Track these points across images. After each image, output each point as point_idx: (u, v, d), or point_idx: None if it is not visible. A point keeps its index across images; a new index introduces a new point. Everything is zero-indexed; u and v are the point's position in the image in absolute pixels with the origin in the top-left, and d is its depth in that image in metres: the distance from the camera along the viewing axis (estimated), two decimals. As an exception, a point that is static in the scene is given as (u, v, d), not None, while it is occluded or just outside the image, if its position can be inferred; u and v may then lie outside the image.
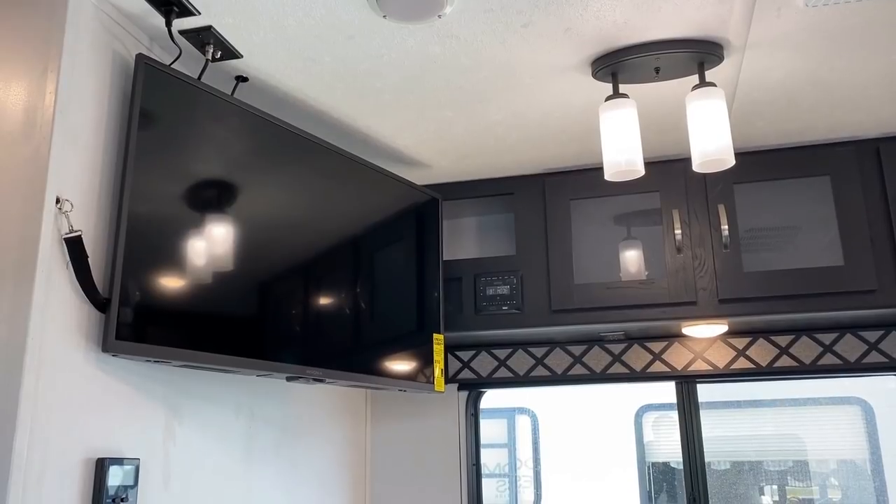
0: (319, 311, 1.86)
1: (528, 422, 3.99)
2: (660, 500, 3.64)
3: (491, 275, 2.30)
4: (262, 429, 2.00)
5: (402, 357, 2.11)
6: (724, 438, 3.40)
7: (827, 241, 2.19)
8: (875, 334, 2.31)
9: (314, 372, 1.78)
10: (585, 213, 2.42)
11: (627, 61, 1.68)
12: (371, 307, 2.02)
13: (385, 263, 2.12)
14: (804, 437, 3.38)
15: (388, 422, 2.66)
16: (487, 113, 1.97)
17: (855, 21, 1.57)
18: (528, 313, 2.25)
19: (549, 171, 2.35)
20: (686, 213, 2.20)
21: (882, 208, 2.08)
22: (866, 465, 3.31)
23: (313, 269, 1.87)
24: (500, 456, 3.99)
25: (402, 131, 2.08)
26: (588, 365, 2.49)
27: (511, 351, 2.56)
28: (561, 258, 2.25)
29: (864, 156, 2.12)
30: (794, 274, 2.08)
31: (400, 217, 2.20)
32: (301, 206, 1.85)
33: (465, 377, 2.59)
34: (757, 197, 2.29)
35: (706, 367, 2.41)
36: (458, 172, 2.37)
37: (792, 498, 3.33)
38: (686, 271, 2.16)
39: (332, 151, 1.96)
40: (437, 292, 2.26)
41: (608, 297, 2.19)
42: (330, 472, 2.37)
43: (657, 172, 2.22)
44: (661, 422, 3.76)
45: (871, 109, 1.98)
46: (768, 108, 1.96)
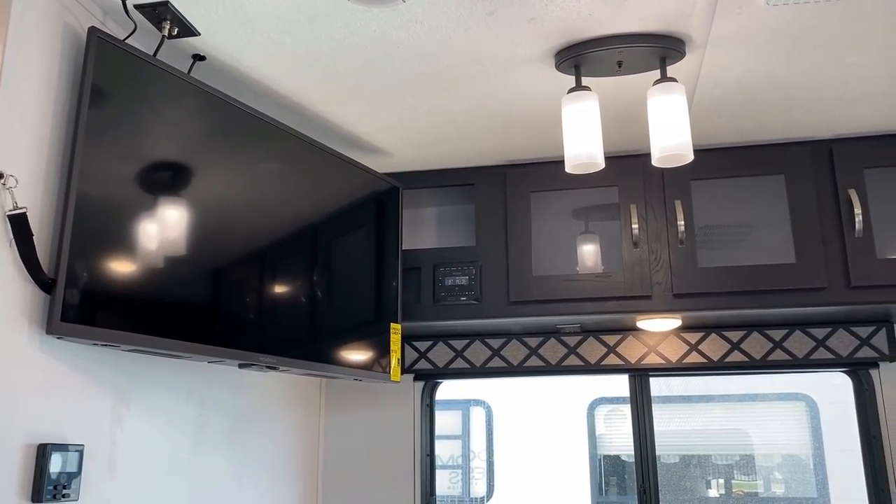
0: (274, 299, 1.83)
1: (483, 414, 4.00)
2: (610, 492, 3.69)
3: (450, 265, 2.29)
4: (212, 416, 1.96)
5: (359, 346, 2.09)
6: (674, 433, 3.45)
7: (779, 238, 2.24)
8: (823, 331, 2.37)
9: (267, 359, 1.75)
10: (545, 206, 2.43)
11: (590, 54, 1.69)
12: (328, 295, 2.00)
13: (343, 251, 2.09)
14: (751, 432, 3.45)
15: (342, 411, 2.63)
16: (450, 102, 1.96)
17: (813, 23, 1.59)
18: (486, 304, 2.25)
19: (510, 163, 2.35)
20: (643, 208, 2.22)
21: (833, 208, 2.13)
22: (809, 459, 3.40)
23: (269, 256, 1.83)
24: (453, 448, 3.99)
25: (364, 117, 2.05)
26: (544, 357, 2.50)
27: (468, 342, 2.56)
28: (520, 250, 2.25)
29: (817, 156, 2.17)
30: (747, 270, 2.12)
31: (359, 205, 2.18)
32: (258, 191, 1.81)
33: (422, 367, 2.58)
34: (713, 194, 2.32)
35: (659, 361, 2.44)
36: (420, 161, 2.35)
37: (737, 492, 3.40)
38: (642, 266, 2.18)
39: (291, 136, 1.93)
40: (395, 282, 2.24)
41: (565, 290, 2.20)
42: (282, 461, 2.34)
43: (616, 167, 2.23)
44: (613, 415, 3.80)
45: (825, 111, 2.02)
46: (727, 105, 1.99)
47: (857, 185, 2.10)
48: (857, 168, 2.12)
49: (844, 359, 2.35)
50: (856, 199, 2.08)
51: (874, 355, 2.32)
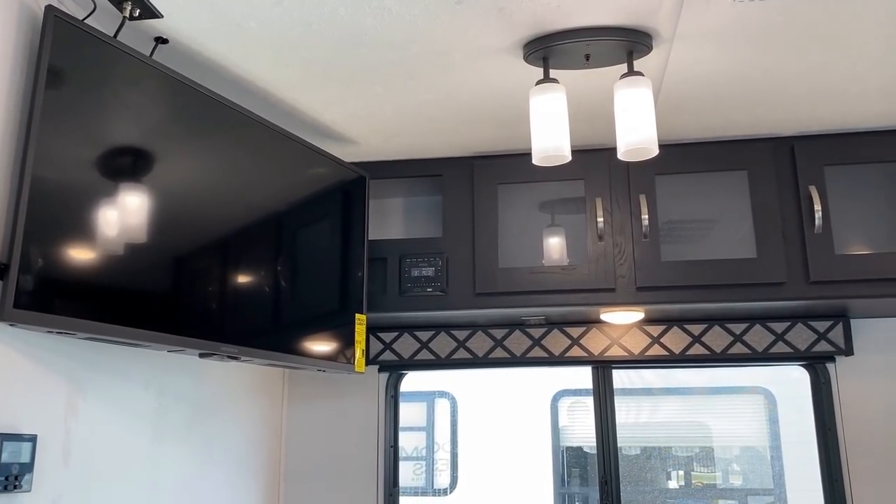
0: (237, 288, 1.80)
1: (448, 405, 4.00)
2: (572, 483, 3.72)
3: (416, 256, 2.28)
4: (172, 406, 1.93)
5: (323, 336, 2.07)
6: (636, 425, 3.50)
7: (741, 234, 2.27)
8: (782, 325, 2.41)
9: (229, 349, 1.72)
10: (512, 199, 2.43)
11: (558, 46, 1.69)
12: (292, 285, 1.98)
13: (308, 241, 2.07)
14: (711, 424, 3.51)
15: (305, 402, 2.61)
16: (418, 91, 1.94)
17: (778, 20, 1.61)
18: (452, 296, 2.25)
19: (478, 155, 2.34)
20: (609, 201, 2.23)
21: (794, 204, 2.16)
22: (767, 451, 3.47)
23: (232, 244, 1.81)
24: (417, 439, 3.99)
25: (330, 105, 2.03)
26: (509, 348, 2.51)
27: (434, 333, 2.55)
28: (486, 242, 2.25)
29: (779, 153, 2.20)
30: (709, 265, 2.15)
31: (325, 194, 2.15)
32: (222, 179, 1.78)
33: (387, 359, 2.57)
34: (677, 189, 2.34)
35: (622, 353, 2.47)
36: (387, 151, 2.34)
37: (697, 483, 3.46)
38: (606, 259, 2.20)
39: (256, 122, 1.90)
40: (360, 272, 2.23)
41: (531, 282, 2.21)
42: (244, 452, 2.32)
43: (582, 161, 2.24)
44: (576, 407, 3.83)
45: (788, 108, 2.05)
46: (692, 101, 2.01)
47: (817, 181, 2.14)
48: (818, 165, 2.16)
49: (802, 353, 2.39)
50: (816, 195, 2.11)
51: (831, 349, 2.37)
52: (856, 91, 1.95)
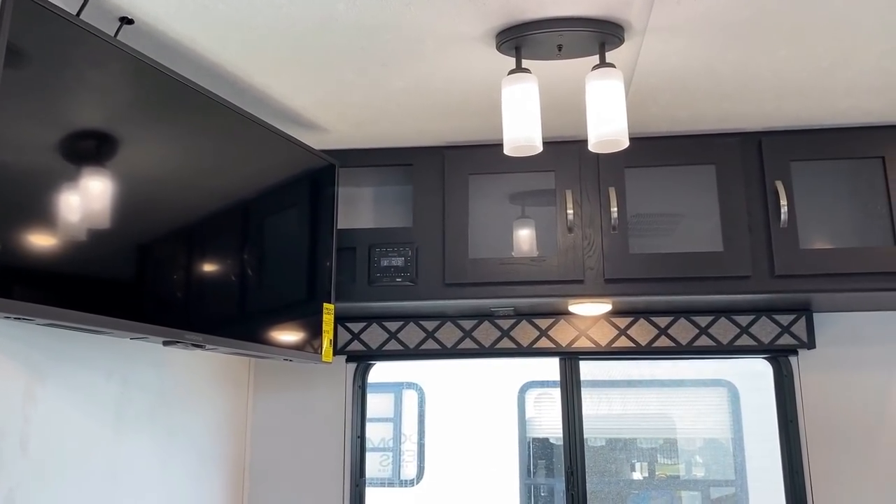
0: (203, 275, 1.77)
1: (415, 397, 4.00)
2: (538, 474, 3.75)
3: (386, 246, 2.27)
4: (135, 395, 1.90)
5: (290, 326, 2.05)
6: (602, 416, 3.53)
7: (708, 227, 2.29)
8: (747, 318, 2.45)
9: (194, 337, 1.69)
10: (483, 189, 2.43)
11: (531, 36, 1.68)
12: (258, 273, 1.95)
13: (276, 229, 2.04)
14: (675, 416, 3.56)
15: (271, 392, 2.59)
16: (390, 79, 1.93)
17: (748, 14, 1.63)
18: (421, 286, 2.24)
19: (449, 144, 2.33)
20: (579, 193, 2.24)
21: (760, 199, 2.19)
22: (729, 443, 3.52)
23: (198, 231, 1.77)
24: (384, 430, 3.98)
25: (300, 91, 2.00)
26: (477, 339, 2.51)
27: (402, 324, 2.54)
28: (457, 232, 2.24)
29: (747, 148, 2.22)
30: (677, 257, 2.17)
31: (294, 182, 2.13)
32: (188, 165, 1.75)
33: (355, 349, 2.55)
34: (646, 182, 2.36)
35: (589, 345, 2.48)
36: (357, 139, 2.32)
37: (660, 475, 3.50)
38: (576, 251, 2.20)
39: (224, 107, 1.87)
40: (329, 261, 2.21)
41: (501, 273, 2.21)
42: (208, 443, 2.28)
43: (553, 152, 2.25)
44: (543, 399, 3.85)
45: (756, 103, 2.07)
46: (663, 94, 2.02)
47: (784, 176, 2.17)
48: (785, 160, 2.18)
49: (766, 346, 2.43)
50: (782, 190, 2.14)
51: (794, 343, 2.41)
52: (822, 87, 1.98)
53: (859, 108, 2.10)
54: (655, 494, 3.48)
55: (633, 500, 3.48)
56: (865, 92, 2.00)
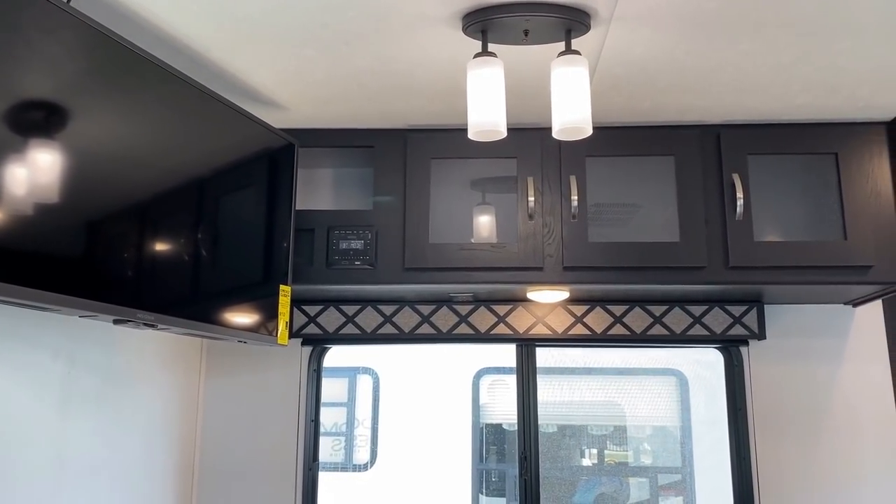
0: (156, 254, 1.72)
1: (370, 381, 3.99)
2: (490, 459, 3.77)
3: (345, 228, 2.24)
4: (83, 375, 1.84)
5: (245, 307, 2.01)
6: (555, 403, 3.56)
7: (666, 218, 2.31)
8: (700, 309, 2.49)
9: (146, 316, 1.65)
10: (444, 174, 2.41)
11: (498, 20, 1.67)
12: (213, 253, 1.91)
13: (232, 208, 2.00)
14: (625, 404, 3.61)
15: (224, 375, 2.54)
16: (353, 57, 1.89)
17: (713, 5, 1.64)
18: (380, 270, 2.22)
19: (411, 127, 2.31)
20: (540, 181, 2.24)
21: (717, 191, 2.22)
22: (677, 431, 3.59)
23: (152, 208, 1.72)
24: (337, 415, 3.96)
25: (260, 67, 1.95)
26: (435, 324, 2.50)
27: (360, 308, 2.52)
28: (418, 217, 2.23)
29: (706, 140, 2.25)
30: (635, 247, 2.19)
31: (252, 160, 2.08)
32: (142, 139, 1.69)
33: (311, 332, 2.52)
34: (606, 171, 2.37)
35: (546, 332, 2.49)
36: (318, 119, 2.28)
37: (609, 462, 3.56)
38: (535, 238, 2.21)
39: (181, 81, 1.81)
40: (286, 242, 2.17)
41: (461, 259, 2.20)
42: (158, 426, 2.24)
43: (516, 139, 2.24)
44: (497, 385, 3.88)
45: (716, 96, 2.09)
46: (626, 84, 2.03)
47: (740, 170, 2.20)
48: (742, 154, 2.22)
49: (718, 336, 2.48)
50: (739, 183, 2.17)
51: (745, 333, 2.46)
52: (781, 83, 2.01)
53: (815, 104, 2.14)
54: (605, 481, 3.54)
55: (583, 485, 3.53)
56: (822, 89, 2.04)
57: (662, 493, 3.52)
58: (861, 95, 2.08)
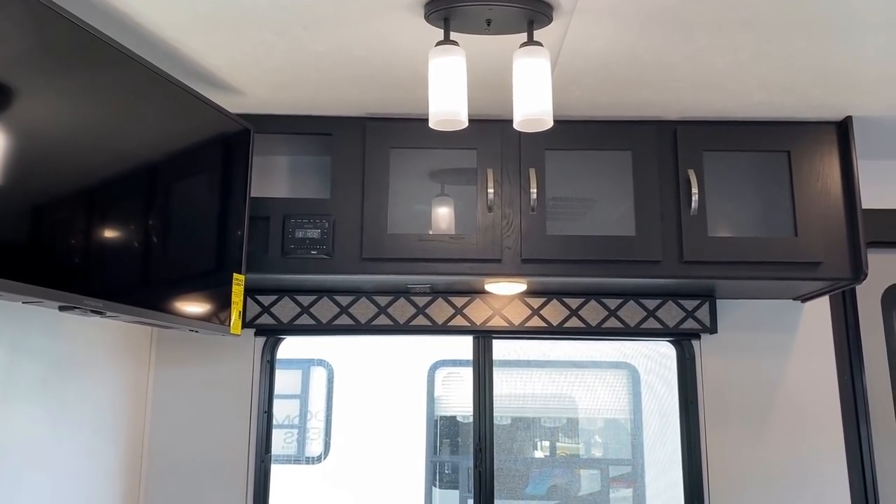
0: (105, 240, 1.66)
1: (324, 374, 3.95)
2: (443, 451, 3.77)
3: (301, 217, 2.20)
4: (25, 363, 1.78)
5: (197, 296, 1.96)
6: (508, 396, 3.58)
7: (622, 212, 2.33)
8: (653, 302, 2.52)
9: (93, 303, 1.59)
10: (403, 164, 2.39)
11: (460, 8, 1.65)
12: (165, 240, 1.85)
13: (185, 194, 1.95)
14: (578, 397, 3.64)
15: (175, 365, 2.48)
16: (311, 42, 1.86)
17: (672, 2, 1.65)
18: (337, 260, 2.19)
19: (370, 116, 2.28)
20: (500, 173, 2.23)
21: (673, 186, 2.24)
22: (628, 423, 3.64)
23: (101, 193, 1.66)
24: (290, 408, 3.92)
25: (215, 50, 1.90)
26: (392, 316, 2.48)
27: (315, 298, 2.48)
28: (376, 207, 2.20)
29: (662, 136, 2.27)
30: (592, 240, 2.20)
31: (206, 145, 2.03)
32: (92, 121, 1.63)
33: (264, 322, 2.48)
34: (564, 165, 2.38)
35: (503, 324, 2.50)
36: (275, 104, 2.23)
37: (561, 454, 3.59)
38: (494, 230, 2.20)
39: (133, 62, 1.75)
40: (240, 230, 2.12)
41: (419, 250, 2.18)
42: (105, 417, 2.17)
43: (476, 131, 2.23)
44: (451, 378, 3.88)
45: (674, 92, 2.12)
46: (586, 77, 2.03)
47: (696, 166, 2.23)
48: (698, 150, 2.25)
49: (671, 329, 2.51)
50: (694, 179, 2.20)
51: (697, 327, 2.50)
52: (737, 80, 2.04)
53: (770, 103, 2.18)
54: (557, 472, 3.56)
55: (535, 477, 3.56)
56: (777, 87, 2.08)
57: (613, 485, 3.56)
58: (814, 95, 2.12)
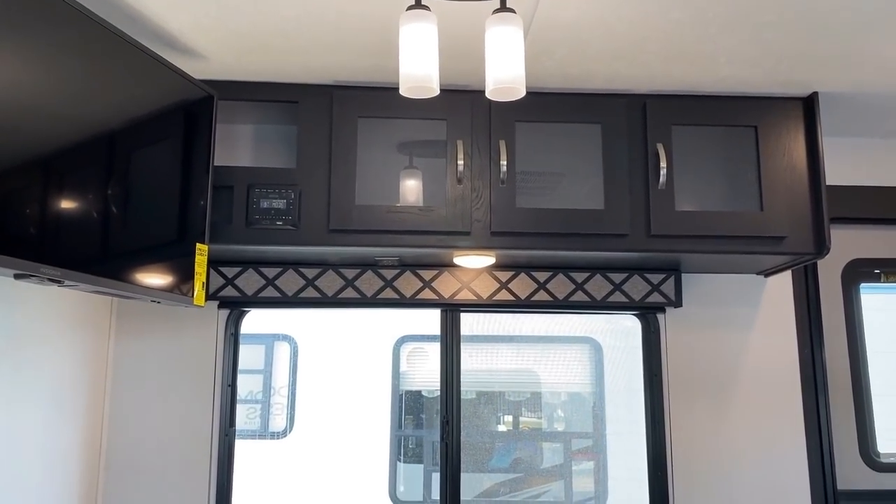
0: (62, 209, 1.60)
1: (288, 349, 3.91)
2: (407, 425, 3.78)
3: (266, 187, 2.15)
4: (-22, 335, 1.71)
5: (159, 266, 1.91)
6: (473, 371, 3.59)
7: (591, 185, 2.33)
8: (620, 276, 2.53)
9: (51, 271, 1.54)
10: (371, 134, 2.34)
11: (433, -28, 1.62)
12: (125, 209, 1.80)
13: (145, 162, 1.88)
14: (541, 372, 3.67)
15: (136, 337, 2.43)
16: (278, 5, 1.80)
17: (648, -29, 1.63)
18: (304, 231, 2.15)
19: (338, 84, 2.23)
20: (470, 145, 2.21)
21: (642, 160, 2.24)
22: (591, 397, 3.68)
23: (57, 161, 1.60)
24: (253, 383, 3.88)
25: (178, 12, 1.84)
26: (359, 289, 2.45)
27: (281, 270, 2.44)
28: (344, 177, 2.16)
29: (632, 110, 2.27)
30: (561, 213, 2.20)
31: (168, 112, 1.97)
32: (47, 86, 1.56)
33: (228, 294, 2.43)
34: (534, 137, 2.36)
35: (471, 297, 2.49)
36: (239, 71, 2.17)
37: (524, 428, 3.62)
38: (464, 202, 2.18)
39: (92, 22, 1.68)
40: (203, 200, 2.07)
41: (388, 221, 2.15)
42: (62, 389, 2.11)
43: (446, 101, 2.20)
44: (416, 353, 3.87)
45: (645, 64, 2.11)
46: (558, 48, 2.01)
47: (665, 139, 2.23)
48: (667, 124, 2.25)
49: (636, 303, 2.53)
50: (663, 153, 2.21)
51: (662, 300, 2.52)
52: (707, 54, 2.04)
53: (739, 77, 2.18)
54: (520, 446, 3.60)
55: (499, 450, 3.58)
56: (745, 61, 2.08)
57: (576, 458, 3.61)
58: (781, 70, 2.13)
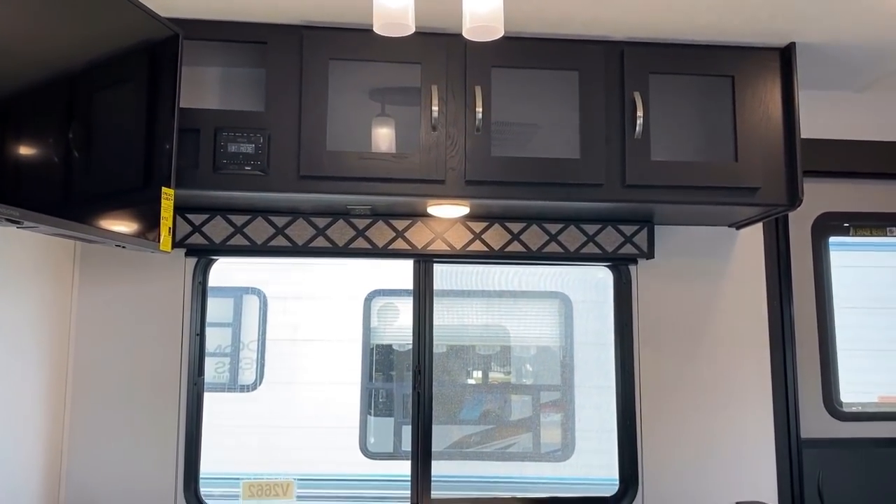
0: (19, 153, 1.53)
1: (257, 302, 3.87)
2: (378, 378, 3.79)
3: (234, 130, 2.09)
4: (-67, 279, 1.65)
5: (124, 211, 1.84)
6: (445, 325, 3.58)
7: (567, 134, 2.30)
8: (593, 228, 2.52)
9: (8, 211, 1.47)
10: (343, 78, 2.28)
11: None
12: (87, 153, 1.72)
13: (108, 104, 1.80)
14: (511, 327, 3.68)
15: (100, 284, 2.37)
16: (247, -63, 1.72)
17: None
18: (273, 177, 2.09)
19: (308, 24, 2.16)
20: (444, 90, 2.16)
21: (618, 109, 2.22)
22: (559, 351, 3.71)
23: (13, 102, 1.52)
24: (221, 337, 3.84)
25: (141, -58, 1.75)
26: (331, 238, 2.41)
27: (250, 218, 2.39)
28: (314, 121, 2.10)
29: (610, 57, 2.23)
30: (536, 162, 2.17)
31: (130, 51, 1.88)
32: (4, 24, 1.48)
33: (196, 242, 2.37)
34: (511, 85, 2.32)
35: (444, 248, 2.46)
36: (205, 9, 2.08)
37: (493, 381, 3.65)
38: (438, 149, 2.14)
39: (46, -52, 1.59)
40: (169, 143, 2.00)
41: (360, 168, 2.11)
42: (24, 336, 2.06)
43: (421, 44, 2.14)
44: (387, 308, 3.86)
45: (623, 9, 2.07)
46: (536, -10, 1.96)
47: (642, 88, 2.20)
48: (644, 72, 2.22)
49: (609, 254, 2.53)
50: (640, 102, 2.18)
51: (635, 252, 2.53)
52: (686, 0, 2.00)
53: (717, 26, 2.15)
54: (490, 398, 3.62)
55: (468, 403, 3.61)
56: (724, 8, 2.05)
57: (544, 410, 3.65)
58: (760, 18, 2.11)
